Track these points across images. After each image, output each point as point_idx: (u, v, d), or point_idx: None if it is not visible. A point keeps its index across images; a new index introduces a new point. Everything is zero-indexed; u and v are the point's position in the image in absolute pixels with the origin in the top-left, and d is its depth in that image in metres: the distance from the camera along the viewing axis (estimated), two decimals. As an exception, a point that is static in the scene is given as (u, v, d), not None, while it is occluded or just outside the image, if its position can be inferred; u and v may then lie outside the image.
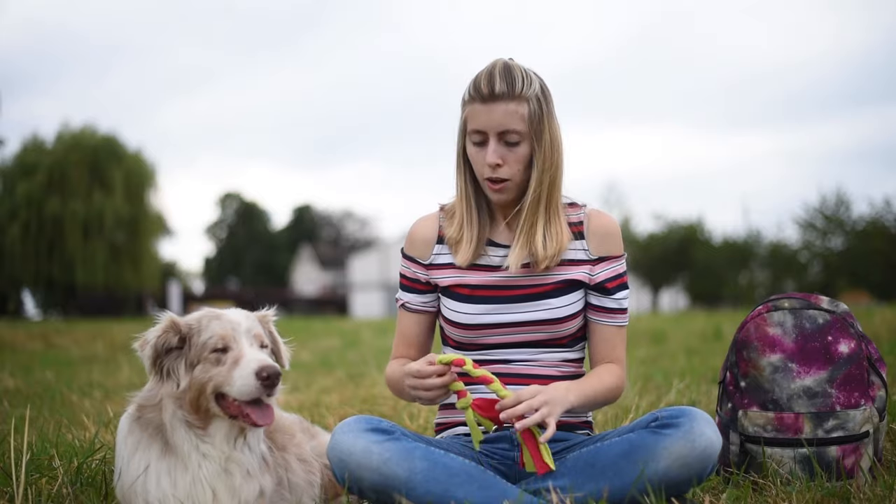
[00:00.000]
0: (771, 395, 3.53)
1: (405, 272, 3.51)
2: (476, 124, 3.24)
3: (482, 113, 3.22)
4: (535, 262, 3.30)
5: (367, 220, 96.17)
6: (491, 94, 3.20)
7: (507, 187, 3.27)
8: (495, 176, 3.24)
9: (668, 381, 7.34)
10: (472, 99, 3.26)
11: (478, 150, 3.27)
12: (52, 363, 12.51)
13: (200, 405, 2.99)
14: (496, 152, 3.22)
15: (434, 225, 3.48)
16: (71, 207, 43.60)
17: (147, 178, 46.34)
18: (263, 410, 2.97)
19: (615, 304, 3.39)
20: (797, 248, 49.25)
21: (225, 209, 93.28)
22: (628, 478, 2.99)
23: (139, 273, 45.85)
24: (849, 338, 3.54)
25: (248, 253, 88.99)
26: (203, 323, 3.04)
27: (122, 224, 45.09)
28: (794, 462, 3.47)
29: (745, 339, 3.63)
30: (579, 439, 3.31)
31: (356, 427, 3.00)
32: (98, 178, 44.57)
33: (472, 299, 3.35)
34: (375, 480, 2.92)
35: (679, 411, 3.05)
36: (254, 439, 3.11)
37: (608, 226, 3.41)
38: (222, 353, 2.97)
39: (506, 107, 3.20)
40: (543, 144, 3.26)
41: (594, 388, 3.25)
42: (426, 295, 3.48)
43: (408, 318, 3.52)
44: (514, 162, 3.24)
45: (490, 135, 3.22)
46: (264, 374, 2.89)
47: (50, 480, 3.56)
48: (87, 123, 47.08)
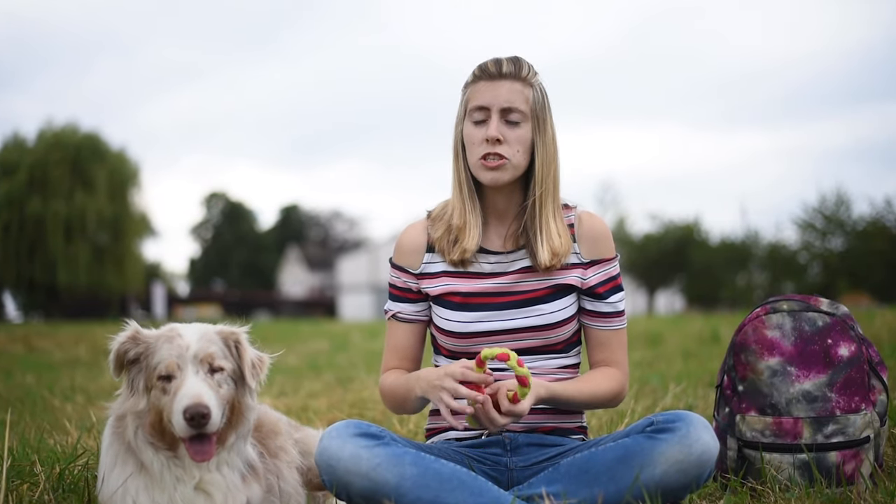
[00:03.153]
0: (769, 399, 3.53)
1: (395, 282, 3.49)
2: (479, 101, 3.27)
3: (487, 89, 3.27)
4: (545, 261, 3.30)
5: (355, 221, 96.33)
6: (499, 72, 3.27)
7: (504, 166, 3.26)
8: (493, 151, 3.24)
9: (665, 384, 7.35)
10: (476, 79, 3.31)
11: (477, 128, 3.28)
12: (34, 367, 12.51)
13: (164, 429, 2.91)
14: (497, 128, 3.24)
15: (423, 233, 3.47)
16: (53, 207, 43.58)
17: (130, 178, 46.36)
18: (200, 447, 2.85)
19: (610, 307, 3.39)
20: (796, 249, 49.37)
21: (210, 209, 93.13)
22: (623, 484, 2.98)
23: (123, 274, 45.85)
24: (849, 341, 3.54)
25: (235, 254, 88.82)
26: (157, 344, 2.95)
27: (105, 224, 45.09)
28: (793, 468, 3.47)
29: (743, 342, 3.63)
30: (573, 444, 3.31)
31: (345, 432, 3.00)
32: (80, 178, 44.55)
33: (463, 307, 3.35)
34: (365, 486, 2.92)
35: (675, 416, 3.05)
36: (234, 457, 3.03)
37: (599, 229, 3.42)
38: (167, 382, 2.89)
39: (511, 85, 3.26)
40: (545, 136, 3.30)
41: (579, 389, 3.26)
42: (418, 304, 3.47)
43: (400, 330, 3.50)
44: (514, 141, 3.26)
45: (493, 111, 3.25)
46: (188, 415, 2.77)
47: (31, 486, 3.55)
48: (69, 122, 47.15)
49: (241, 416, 3.01)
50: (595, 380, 3.32)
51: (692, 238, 54.43)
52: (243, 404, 3.01)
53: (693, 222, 55.63)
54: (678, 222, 55.88)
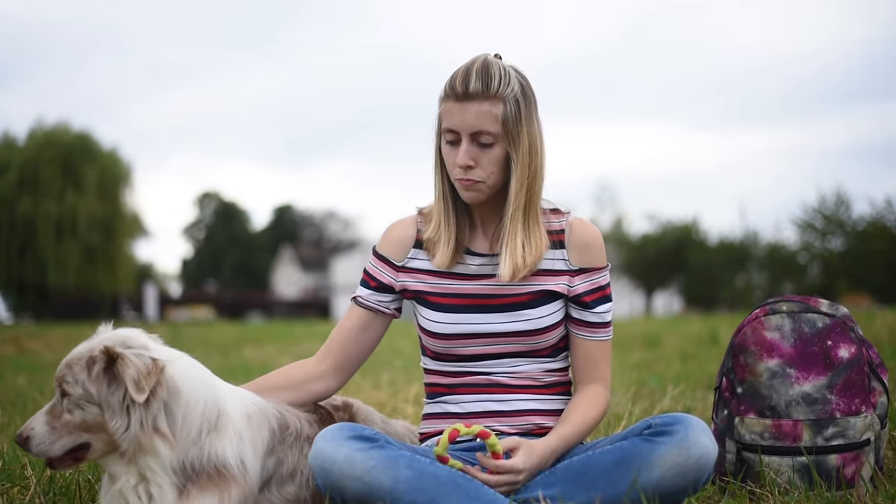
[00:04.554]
0: (768, 401, 3.53)
1: (370, 270, 3.47)
2: (449, 123, 3.21)
3: (455, 112, 3.18)
4: (505, 276, 3.26)
5: (350, 221, 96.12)
6: (465, 92, 3.16)
7: (480, 188, 3.24)
8: (466, 177, 3.21)
9: (663, 386, 7.35)
10: (446, 97, 3.22)
11: (451, 149, 3.24)
12: (25, 368, 12.49)
13: None
14: (468, 153, 3.18)
15: (412, 228, 3.45)
16: (43, 207, 43.51)
17: (122, 177, 46.31)
18: (58, 462, 2.99)
19: (596, 318, 3.37)
20: (796, 250, 49.37)
21: (203, 209, 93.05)
22: (621, 487, 2.98)
23: (114, 275, 45.80)
24: (849, 342, 3.54)
25: (227, 254, 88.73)
26: None
27: (97, 224, 45.02)
28: (792, 471, 3.48)
29: (742, 344, 3.63)
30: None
31: (339, 434, 2.98)
32: (71, 177, 44.50)
33: (446, 308, 3.34)
34: (359, 490, 2.91)
35: (673, 418, 3.05)
36: (156, 474, 2.93)
37: (590, 236, 3.38)
38: None
39: (479, 107, 3.15)
40: (521, 148, 3.21)
41: (576, 430, 3.24)
42: (382, 294, 3.44)
43: (354, 316, 3.45)
44: (487, 163, 3.20)
45: (463, 135, 3.19)
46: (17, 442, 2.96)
47: (22, 490, 3.55)
48: (60, 121, 47.05)
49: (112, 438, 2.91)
50: (589, 413, 3.30)
51: (690, 238, 54.41)
52: (108, 426, 2.89)
53: (691, 222, 55.59)
54: (676, 222, 55.85)
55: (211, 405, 3.02)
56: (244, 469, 3.02)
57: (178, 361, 3.03)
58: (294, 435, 3.20)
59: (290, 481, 3.15)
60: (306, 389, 3.42)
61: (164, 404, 2.91)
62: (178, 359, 3.05)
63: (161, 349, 3.05)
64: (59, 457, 2.94)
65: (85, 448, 2.93)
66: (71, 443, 2.92)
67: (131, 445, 2.88)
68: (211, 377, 3.14)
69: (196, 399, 2.99)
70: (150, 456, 2.89)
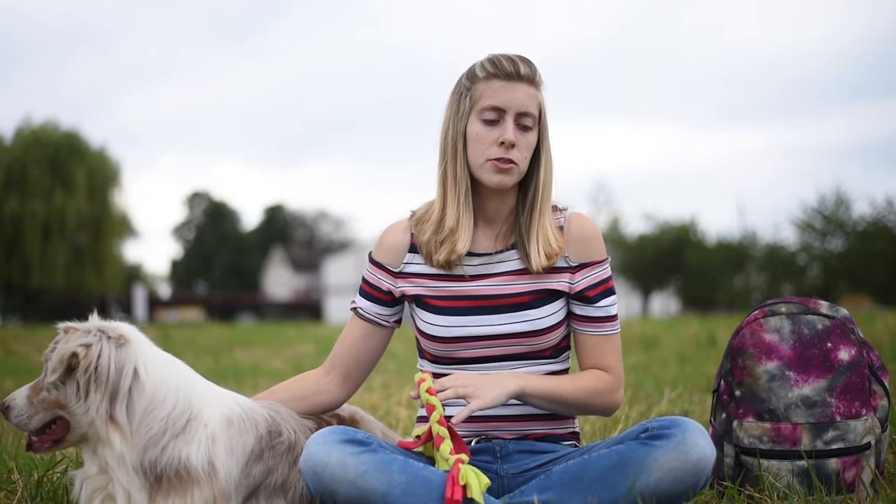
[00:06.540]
0: (767, 404, 3.53)
1: (369, 278, 3.49)
2: (495, 101, 3.22)
3: (504, 90, 3.22)
4: (539, 264, 3.29)
5: (342, 221, 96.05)
6: (516, 73, 3.23)
7: (513, 171, 3.25)
8: (507, 156, 3.22)
9: (660, 389, 7.36)
10: (489, 76, 3.25)
11: (488, 129, 3.24)
12: (12, 371, 12.46)
13: None
14: (513, 132, 3.22)
15: (406, 233, 3.45)
16: (30, 207, 43.39)
17: (111, 177, 46.18)
18: (38, 443, 3.11)
19: (601, 312, 3.37)
20: (795, 250, 49.39)
21: (193, 209, 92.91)
22: (618, 492, 2.98)
23: (102, 276, 45.71)
24: (849, 344, 3.55)
25: (218, 255, 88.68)
26: None
27: (85, 225, 44.92)
28: (791, 475, 3.48)
29: (741, 346, 3.63)
30: (566, 451, 3.31)
31: (331, 438, 2.99)
32: (59, 177, 44.39)
33: (446, 310, 3.34)
34: (351, 494, 2.91)
35: (671, 422, 3.05)
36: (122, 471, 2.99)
37: (588, 230, 3.39)
38: None
39: (528, 89, 3.24)
40: (547, 140, 3.32)
41: (562, 387, 3.25)
42: (383, 306, 3.47)
43: (356, 326, 3.51)
44: (524, 147, 3.25)
45: (509, 114, 3.22)
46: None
47: (9, 494, 3.55)
48: (47, 119, 46.83)
49: (69, 423, 3.05)
50: (583, 381, 3.31)
51: (688, 239, 54.46)
52: (69, 409, 3.01)
53: (689, 223, 55.65)
54: (673, 223, 55.90)
55: (181, 409, 3.05)
56: (213, 471, 3.01)
57: (152, 358, 3.11)
58: (287, 445, 3.20)
59: (281, 495, 3.16)
60: (313, 401, 3.47)
61: (127, 398, 2.98)
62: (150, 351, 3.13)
63: (144, 347, 3.12)
64: (39, 438, 3.08)
65: (63, 429, 3.03)
66: (46, 418, 3.04)
67: (91, 430, 2.99)
68: (191, 381, 3.16)
69: (163, 399, 3.03)
70: (107, 447, 2.97)
